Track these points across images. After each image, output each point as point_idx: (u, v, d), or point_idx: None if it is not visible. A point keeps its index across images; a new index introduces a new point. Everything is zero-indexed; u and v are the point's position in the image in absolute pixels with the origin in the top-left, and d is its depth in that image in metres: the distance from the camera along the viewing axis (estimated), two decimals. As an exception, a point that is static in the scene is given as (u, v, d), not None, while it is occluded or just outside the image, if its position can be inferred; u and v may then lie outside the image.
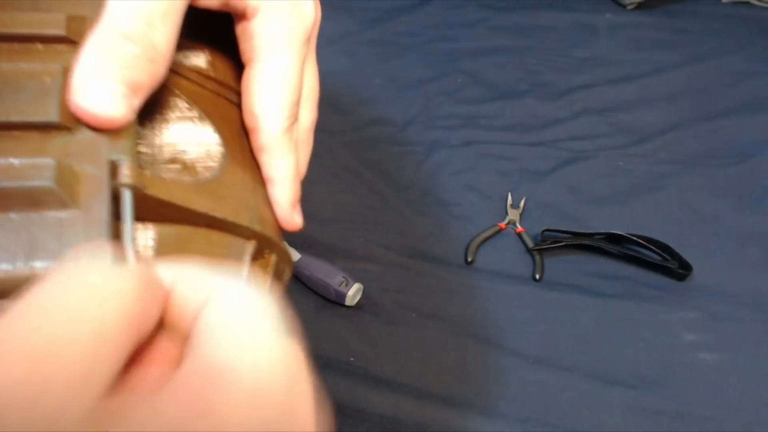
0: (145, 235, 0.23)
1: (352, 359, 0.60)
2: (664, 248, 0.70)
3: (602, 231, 0.72)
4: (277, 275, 0.31)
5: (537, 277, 0.69)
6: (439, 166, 0.82)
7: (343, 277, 0.64)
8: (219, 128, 0.27)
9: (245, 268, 0.26)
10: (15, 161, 0.20)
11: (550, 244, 0.71)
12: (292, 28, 0.27)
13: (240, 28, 0.27)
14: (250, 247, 0.27)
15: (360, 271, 0.67)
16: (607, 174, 0.82)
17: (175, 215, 0.23)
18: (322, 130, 0.98)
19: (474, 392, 0.59)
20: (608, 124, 0.90)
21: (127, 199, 0.21)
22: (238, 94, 0.29)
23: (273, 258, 0.29)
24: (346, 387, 0.58)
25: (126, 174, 0.21)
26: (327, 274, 0.64)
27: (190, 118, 0.26)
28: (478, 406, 0.58)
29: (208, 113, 0.27)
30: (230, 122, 0.28)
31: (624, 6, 1.11)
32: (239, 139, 0.28)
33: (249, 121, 0.28)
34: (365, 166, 0.80)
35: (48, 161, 0.20)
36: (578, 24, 1.08)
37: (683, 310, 0.67)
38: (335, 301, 0.64)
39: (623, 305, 0.67)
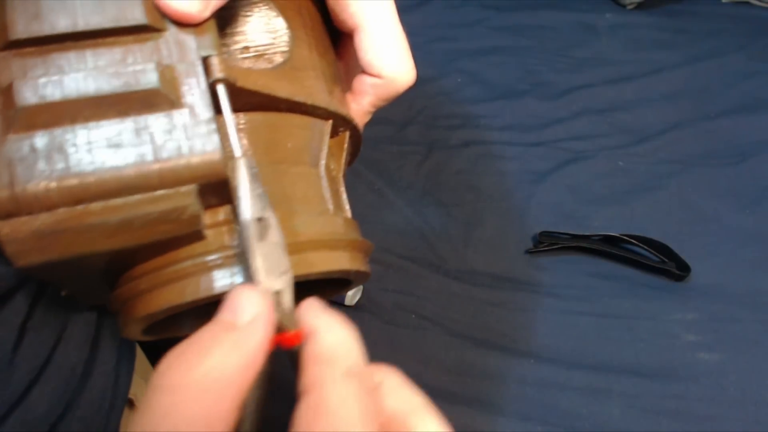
0: (240, 122, 0.24)
1: (351, 359, 0.60)
2: (663, 249, 0.70)
3: (600, 233, 0.72)
4: (352, 149, 0.33)
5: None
6: (439, 166, 0.82)
7: (343, 277, 0.64)
8: (282, 11, 0.27)
9: (325, 145, 0.28)
10: (118, 66, 0.21)
11: (548, 245, 0.71)
12: None
13: (332, 1, 0.28)
14: (327, 126, 0.28)
15: (360, 271, 0.67)
16: (607, 174, 0.82)
17: (261, 102, 0.25)
18: (322, 130, 0.97)
19: (474, 392, 0.59)
20: (608, 123, 0.90)
21: (223, 93, 0.22)
22: None
23: (347, 134, 0.30)
24: (345, 387, 0.58)
25: (218, 68, 0.21)
26: (327, 274, 0.64)
27: (255, 4, 0.27)
28: (478, 406, 0.58)
29: None
30: (290, 1, 0.28)
31: (624, 6, 1.11)
32: (300, 18, 0.28)
33: (378, 82, 0.29)
34: (365, 166, 0.80)
35: (150, 64, 0.21)
36: (578, 24, 1.08)
37: (683, 310, 0.67)
38: (335, 301, 0.64)
39: (622, 306, 0.67)
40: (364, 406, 0.19)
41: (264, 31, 0.27)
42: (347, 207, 0.30)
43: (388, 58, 0.29)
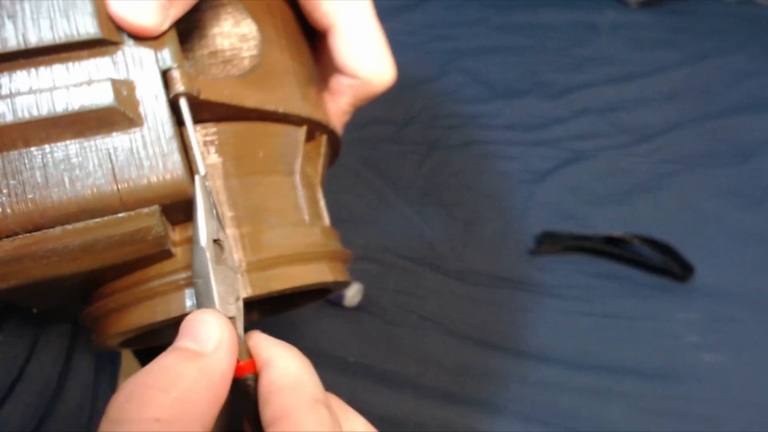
0: (207, 134, 0.24)
1: (351, 359, 0.60)
2: (666, 249, 0.70)
3: (602, 233, 0.72)
4: (330, 151, 0.31)
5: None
6: (439, 166, 0.82)
7: (343, 277, 0.64)
8: (252, 12, 0.26)
9: (300, 152, 0.27)
10: (72, 85, 0.20)
11: (549, 246, 0.71)
12: None
13: (303, 0, 0.27)
14: (302, 132, 0.27)
15: (360, 271, 0.66)
16: (608, 174, 0.82)
17: (229, 112, 0.24)
18: (321, 130, 0.97)
19: (474, 392, 0.58)
20: (609, 123, 0.89)
21: (185, 108, 0.21)
22: None
23: (323, 138, 0.29)
24: (345, 386, 0.58)
25: (179, 82, 0.21)
26: (326, 274, 0.64)
27: (222, 6, 0.26)
28: (478, 406, 0.57)
29: None
30: (259, 2, 0.27)
31: (627, 4, 1.11)
32: (271, 19, 0.27)
33: (354, 83, 0.28)
34: (365, 166, 0.80)
35: (105, 81, 0.20)
36: (579, 22, 1.08)
37: (685, 311, 0.66)
38: (335, 301, 0.64)
39: (624, 306, 0.66)
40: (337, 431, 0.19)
41: (232, 35, 0.26)
42: (325, 214, 0.29)
43: (363, 59, 0.28)
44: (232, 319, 0.20)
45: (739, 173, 0.82)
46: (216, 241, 0.20)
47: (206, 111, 0.23)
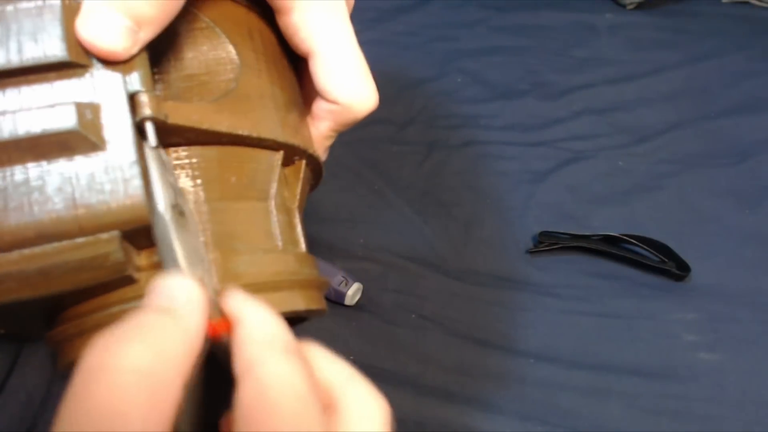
0: (178, 158, 0.23)
1: (351, 358, 0.60)
2: (663, 249, 0.70)
3: (600, 232, 0.72)
4: (309, 178, 0.31)
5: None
6: (439, 166, 0.82)
7: (343, 277, 0.64)
8: (230, 35, 0.26)
9: (275, 177, 0.26)
10: (35, 107, 0.19)
11: (548, 246, 0.71)
12: (334, 10, 0.27)
13: (283, 23, 0.27)
14: (278, 157, 0.26)
15: (360, 271, 0.67)
16: (607, 174, 0.82)
17: (200, 137, 0.23)
18: (322, 130, 0.97)
19: (474, 391, 0.59)
20: (608, 124, 0.90)
21: (151, 133, 0.20)
22: None
23: (303, 163, 0.29)
24: (345, 387, 0.58)
25: (146, 105, 0.20)
26: (327, 273, 0.64)
27: (200, 29, 0.25)
28: (478, 405, 0.58)
29: (217, 21, 0.26)
30: (239, 24, 0.27)
31: (624, 6, 1.11)
32: (250, 42, 0.27)
33: (334, 108, 0.28)
34: (365, 166, 0.80)
35: (69, 105, 0.19)
36: (578, 24, 1.08)
37: (683, 310, 0.67)
38: (335, 300, 0.64)
39: (622, 306, 0.67)
40: (308, 380, 0.18)
41: (209, 59, 0.25)
42: (302, 240, 0.28)
43: (343, 85, 0.28)
44: (201, 280, 0.20)
45: (737, 173, 0.82)
46: (175, 207, 0.20)
47: (176, 135, 0.22)
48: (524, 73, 0.97)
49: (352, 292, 0.64)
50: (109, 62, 0.21)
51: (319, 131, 0.30)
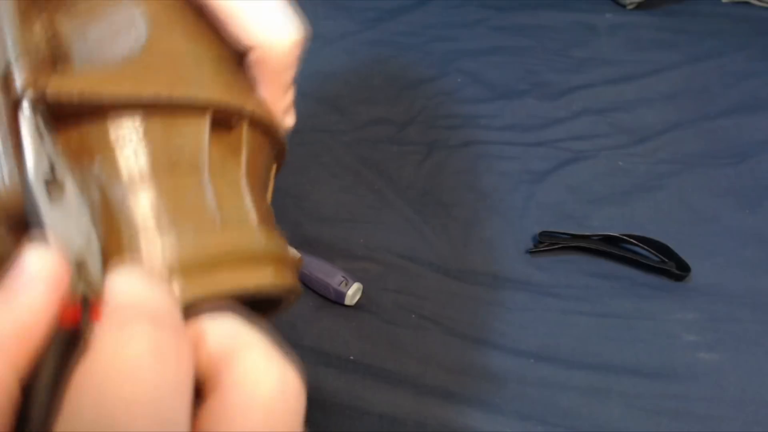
0: (79, 138, 0.20)
1: (351, 358, 0.60)
2: (663, 249, 0.70)
3: (600, 233, 0.72)
4: (265, 145, 0.27)
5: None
6: (439, 166, 0.82)
7: (343, 277, 0.64)
8: None
9: (204, 144, 0.23)
10: None
11: (548, 246, 0.71)
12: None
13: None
14: (204, 121, 0.23)
15: (360, 271, 0.67)
16: (607, 174, 0.82)
17: (104, 108, 0.20)
18: (322, 130, 0.99)
19: (473, 391, 0.59)
20: (608, 124, 0.90)
21: (27, 111, 0.18)
22: None
23: (243, 125, 0.25)
24: (345, 386, 0.58)
25: (20, 80, 0.18)
26: (327, 273, 0.64)
27: None
28: (478, 405, 0.58)
29: None
30: None
31: (624, 6, 1.11)
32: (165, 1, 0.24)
33: (257, 55, 0.26)
34: (365, 166, 0.80)
35: None
36: (578, 24, 1.08)
37: (683, 310, 0.67)
38: (335, 300, 0.64)
39: (622, 306, 0.67)
40: (155, 344, 0.15)
41: (114, 15, 0.23)
42: (251, 213, 0.25)
43: (255, 24, 0.25)
44: (82, 264, 0.17)
45: (737, 173, 0.82)
46: (51, 183, 0.18)
47: (71, 108, 0.20)
48: (524, 73, 0.98)
49: (352, 292, 0.64)
50: None
51: (267, 95, 0.27)
